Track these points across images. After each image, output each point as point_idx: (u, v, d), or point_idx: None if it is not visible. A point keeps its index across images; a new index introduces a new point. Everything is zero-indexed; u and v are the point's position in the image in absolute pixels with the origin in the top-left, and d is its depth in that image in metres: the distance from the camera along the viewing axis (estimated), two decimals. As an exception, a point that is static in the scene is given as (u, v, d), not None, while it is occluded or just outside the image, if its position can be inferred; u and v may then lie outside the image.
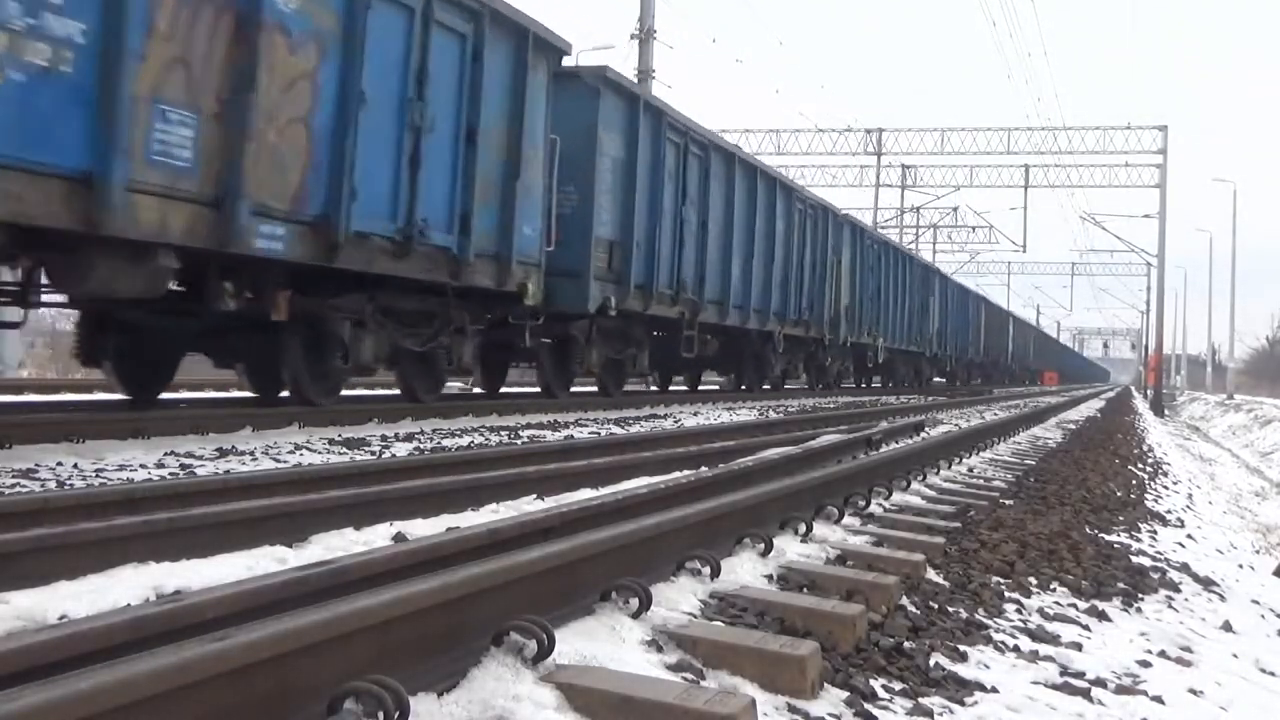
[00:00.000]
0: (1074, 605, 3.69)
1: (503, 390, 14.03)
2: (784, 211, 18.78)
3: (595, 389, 14.71)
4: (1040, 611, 3.52)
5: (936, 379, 36.00)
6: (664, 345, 15.34)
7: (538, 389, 13.83)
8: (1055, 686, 2.73)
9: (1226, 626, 3.92)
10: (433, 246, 9.37)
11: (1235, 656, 3.52)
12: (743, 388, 19.66)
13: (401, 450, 6.94)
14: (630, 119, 13.08)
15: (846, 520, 4.32)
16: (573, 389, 13.94)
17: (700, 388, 20.20)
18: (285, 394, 9.67)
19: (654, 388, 18.92)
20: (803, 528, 3.84)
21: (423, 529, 3.75)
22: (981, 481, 6.64)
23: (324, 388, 9.23)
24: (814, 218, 20.65)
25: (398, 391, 11.46)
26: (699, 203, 15.19)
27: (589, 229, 12.30)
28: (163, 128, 6.64)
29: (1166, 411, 38.96)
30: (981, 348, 42.06)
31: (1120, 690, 2.80)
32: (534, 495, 4.71)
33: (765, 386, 19.74)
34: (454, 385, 14.76)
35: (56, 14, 5.90)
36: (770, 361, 19.35)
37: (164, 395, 9.57)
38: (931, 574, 3.67)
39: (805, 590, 3.13)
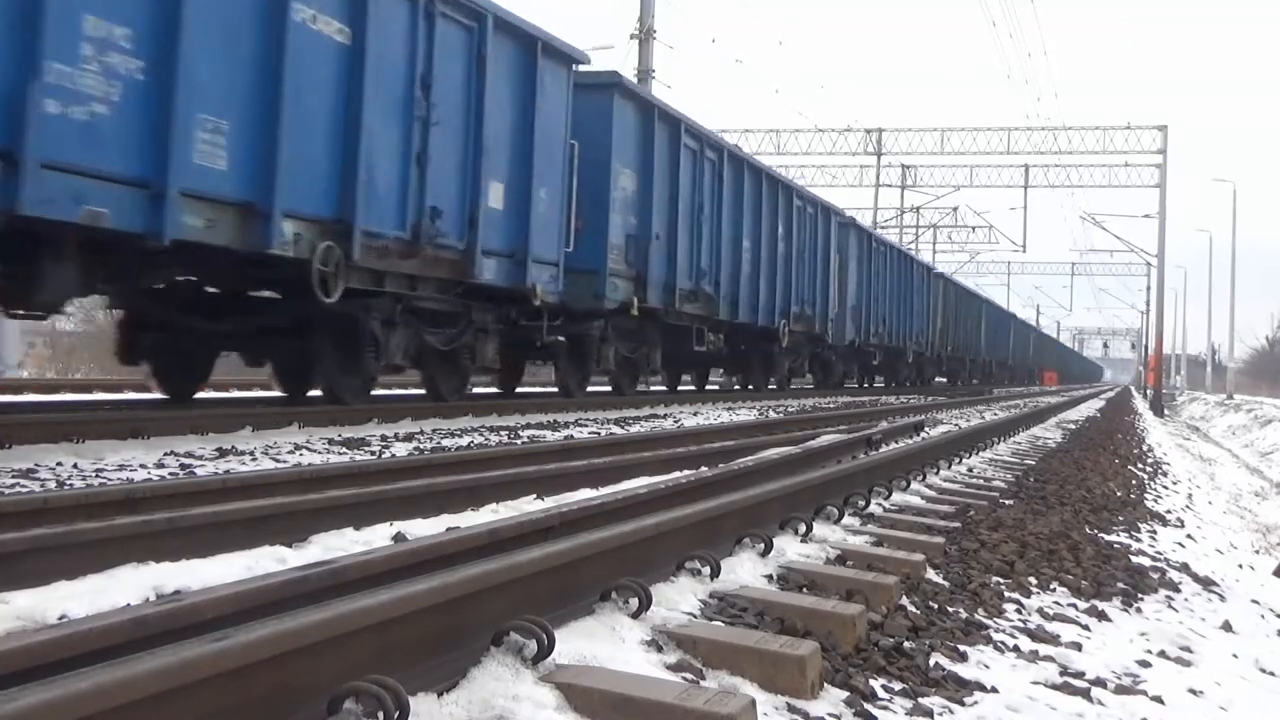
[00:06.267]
0: (1074, 605, 3.69)
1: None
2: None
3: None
4: (1040, 611, 3.52)
5: (938, 379, 36.02)
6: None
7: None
8: (1055, 686, 2.73)
9: (1226, 626, 3.92)
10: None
11: (1235, 656, 3.52)
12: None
13: (401, 450, 6.94)
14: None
15: (846, 520, 4.32)
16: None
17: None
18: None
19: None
20: (802, 528, 3.84)
21: (423, 529, 3.74)
22: (981, 481, 6.64)
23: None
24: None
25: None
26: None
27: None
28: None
29: (1166, 411, 38.92)
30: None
31: (1120, 690, 2.80)
32: (534, 495, 4.70)
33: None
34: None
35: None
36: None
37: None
38: (931, 574, 3.67)
39: (805, 590, 3.13)
